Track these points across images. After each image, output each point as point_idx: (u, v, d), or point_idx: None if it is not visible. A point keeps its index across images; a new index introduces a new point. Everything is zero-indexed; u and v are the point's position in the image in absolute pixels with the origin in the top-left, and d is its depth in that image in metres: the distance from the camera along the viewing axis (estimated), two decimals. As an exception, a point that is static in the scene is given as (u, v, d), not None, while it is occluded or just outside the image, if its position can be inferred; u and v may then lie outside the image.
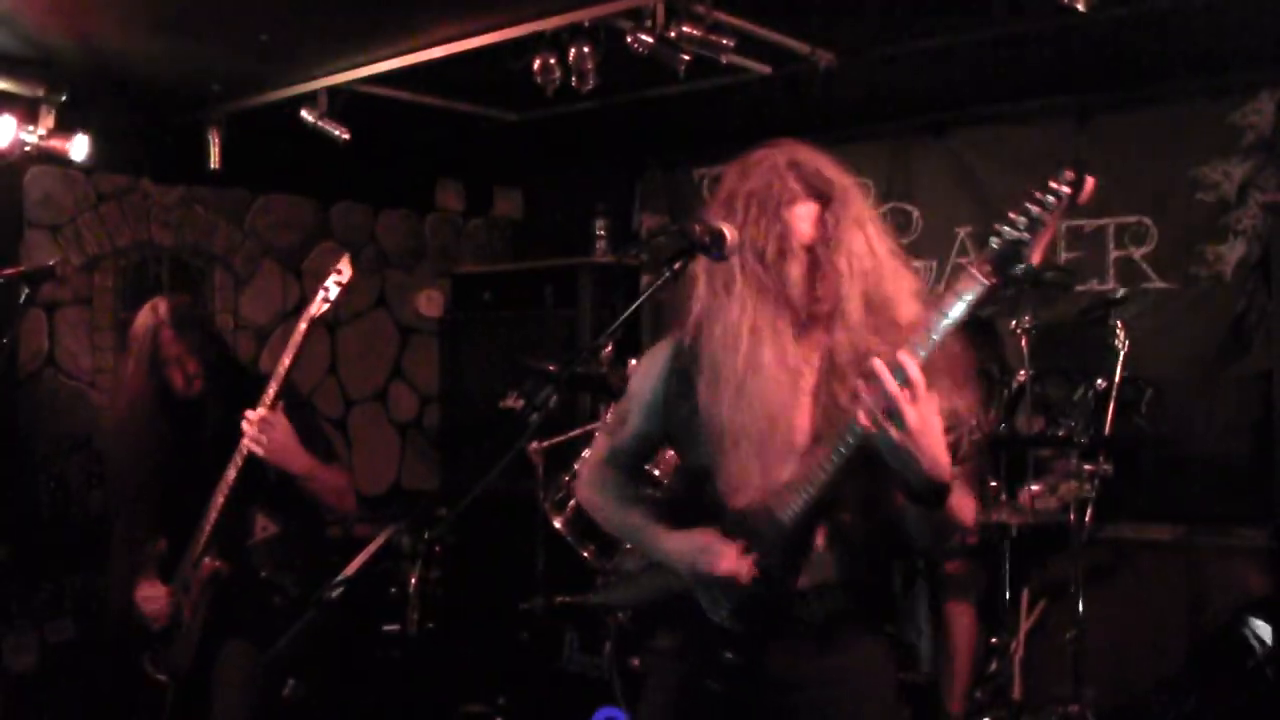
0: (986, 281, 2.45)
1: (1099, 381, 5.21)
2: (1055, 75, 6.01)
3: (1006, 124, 6.53)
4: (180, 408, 4.52)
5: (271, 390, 4.16)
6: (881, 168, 6.99)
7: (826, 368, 2.76)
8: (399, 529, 2.15)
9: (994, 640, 5.21)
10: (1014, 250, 2.42)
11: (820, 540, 2.77)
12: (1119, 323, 5.31)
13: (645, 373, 3.07)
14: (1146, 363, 5.62)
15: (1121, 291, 5.77)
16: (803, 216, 2.76)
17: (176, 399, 4.50)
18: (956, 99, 6.51)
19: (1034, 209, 2.40)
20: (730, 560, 2.76)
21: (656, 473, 4.37)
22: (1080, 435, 4.97)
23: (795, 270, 2.75)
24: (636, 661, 5.02)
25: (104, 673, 6.20)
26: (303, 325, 4.16)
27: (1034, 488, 5.16)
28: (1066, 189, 2.39)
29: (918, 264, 6.74)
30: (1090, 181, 2.39)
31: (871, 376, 2.45)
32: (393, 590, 5.47)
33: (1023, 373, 5.05)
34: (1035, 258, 2.42)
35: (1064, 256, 6.31)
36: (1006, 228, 2.42)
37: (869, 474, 2.67)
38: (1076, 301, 5.62)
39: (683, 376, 2.92)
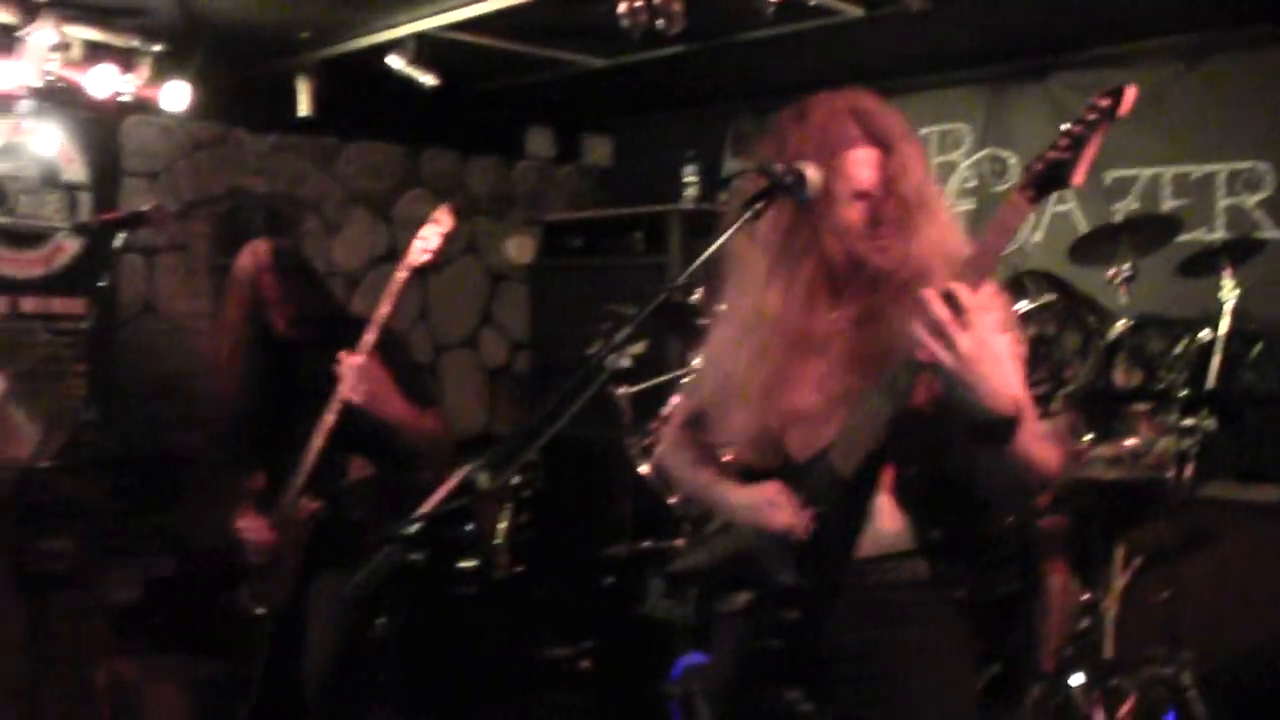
0: (1028, 206, 2.43)
1: (1203, 333, 5.06)
2: (1164, 14, 5.79)
3: (1111, 66, 6.29)
4: (279, 349, 4.60)
5: (369, 338, 4.18)
6: (977, 113, 6.85)
7: (870, 314, 2.71)
8: (474, 468, 2.16)
9: (1086, 597, 5.14)
10: (1056, 171, 2.40)
11: (883, 496, 2.72)
12: (1227, 271, 5.15)
13: (719, 333, 3.06)
14: (1256, 315, 5.47)
15: (1229, 240, 5.61)
16: (860, 162, 2.69)
17: (276, 341, 4.58)
18: (1059, 40, 6.33)
19: (1077, 128, 2.39)
20: (788, 513, 2.72)
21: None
22: (1181, 389, 4.84)
23: (848, 216, 2.70)
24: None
25: (201, 606, 6.35)
26: (402, 274, 4.20)
27: (1131, 443, 5.05)
28: (1106, 101, 2.40)
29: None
30: (1130, 91, 2.37)
31: (923, 306, 2.37)
32: (468, 527, 5.51)
33: (1120, 323, 4.94)
34: (1078, 178, 2.39)
35: (1169, 204, 6.15)
36: (1051, 151, 2.40)
37: (934, 426, 2.62)
38: (1180, 252, 5.50)
39: (731, 336, 2.87)
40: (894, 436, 2.61)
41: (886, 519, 2.74)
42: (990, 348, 2.36)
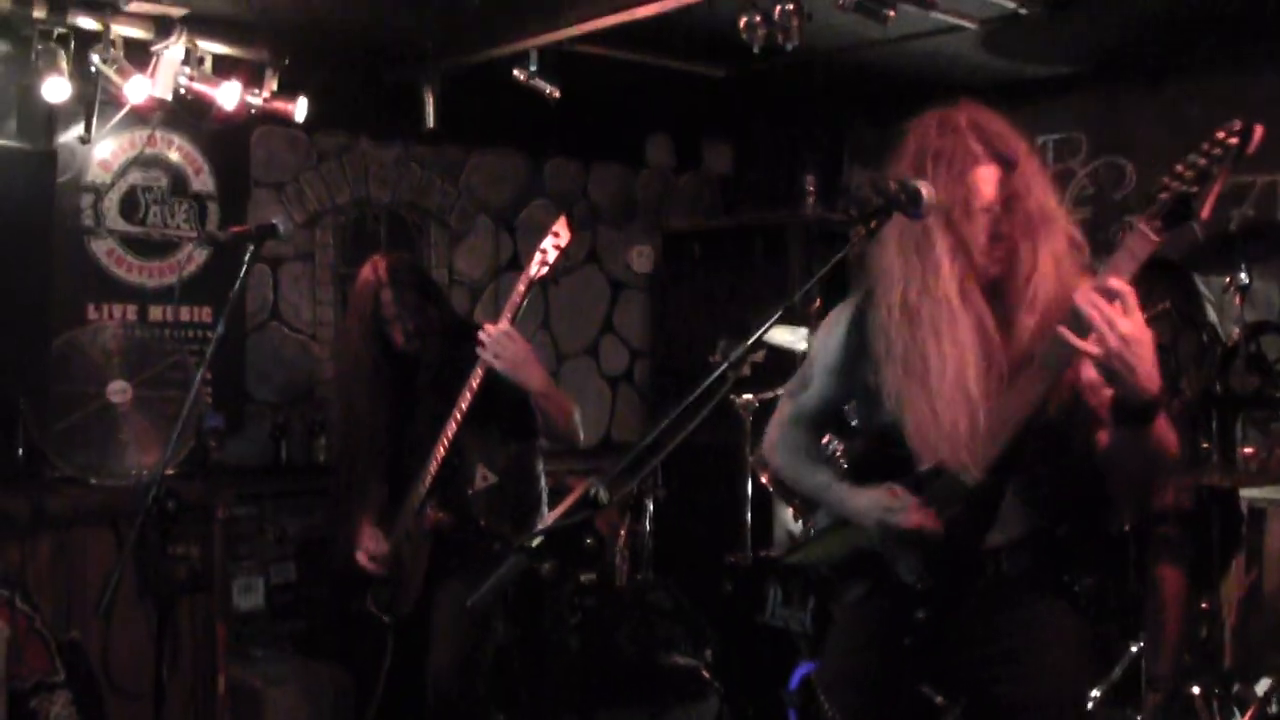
0: (1156, 238, 2.50)
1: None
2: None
3: (1230, 73, 6.19)
4: (401, 361, 4.67)
5: (507, 315, 4.23)
6: (1092, 120, 6.75)
7: (1002, 326, 2.78)
8: (595, 481, 2.19)
9: (1205, 606, 5.06)
10: (1183, 204, 2.43)
11: (1010, 495, 2.79)
12: None
13: (827, 334, 3.09)
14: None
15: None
16: (985, 179, 2.77)
17: (397, 354, 4.65)
18: (1173, 46, 6.21)
19: (1201, 161, 2.42)
20: (917, 514, 2.79)
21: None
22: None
23: (976, 233, 2.77)
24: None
25: (324, 612, 6.44)
26: (521, 287, 4.23)
27: (1248, 450, 4.99)
28: (1234, 139, 2.41)
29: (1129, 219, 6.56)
30: (1259, 131, 2.40)
31: (1087, 299, 2.49)
32: (589, 541, 5.53)
33: (1236, 330, 4.87)
34: (1205, 212, 2.43)
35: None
36: (1174, 181, 2.44)
37: (1060, 427, 2.73)
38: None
39: (864, 338, 2.95)
40: (1022, 439, 2.70)
41: (1009, 519, 2.82)
42: (1145, 334, 2.50)
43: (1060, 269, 2.77)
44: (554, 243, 4.21)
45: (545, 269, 4.19)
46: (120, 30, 5.35)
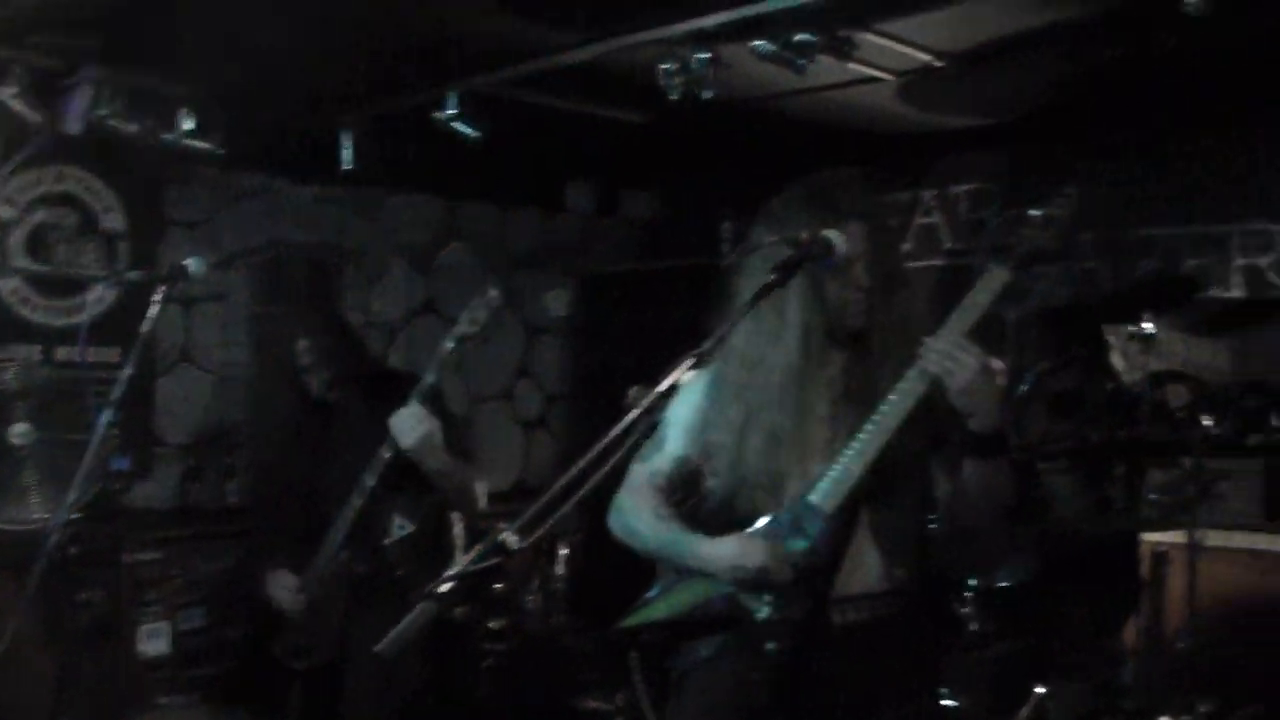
0: (1008, 276, 2.82)
1: (1220, 387, 5.13)
2: (1179, 81, 5.80)
3: (1137, 127, 6.34)
4: (318, 410, 4.62)
5: (427, 381, 4.24)
6: (1003, 172, 6.91)
7: (855, 370, 2.97)
8: (505, 526, 2.18)
9: (1109, 646, 5.16)
10: (1035, 251, 2.85)
11: (861, 538, 2.90)
12: (1240, 330, 5.24)
13: (683, 395, 3.09)
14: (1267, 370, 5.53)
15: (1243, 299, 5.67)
16: (850, 233, 2.88)
17: (314, 402, 4.60)
18: (1084, 102, 6.30)
19: (1047, 210, 2.87)
20: (765, 556, 2.85)
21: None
22: (1199, 441, 4.87)
23: (834, 287, 2.92)
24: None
25: (234, 659, 6.34)
26: (449, 344, 4.23)
27: (1151, 496, 5.09)
28: (1075, 190, 2.88)
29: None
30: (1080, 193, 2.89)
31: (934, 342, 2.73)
32: (497, 587, 5.51)
33: (1139, 377, 4.99)
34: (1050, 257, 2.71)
35: (1188, 263, 6.16)
36: (1025, 229, 2.87)
37: (912, 471, 2.90)
38: (1201, 308, 5.53)
39: (722, 397, 3.05)
40: (873, 477, 2.82)
41: (856, 559, 2.92)
42: (993, 366, 2.71)
43: (917, 320, 2.96)
44: (487, 305, 4.20)
45: (475, 328, 4.19)
46: (29, 63, 5.26)
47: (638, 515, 3.27)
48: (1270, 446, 5.30)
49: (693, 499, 3.13)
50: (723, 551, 2.95)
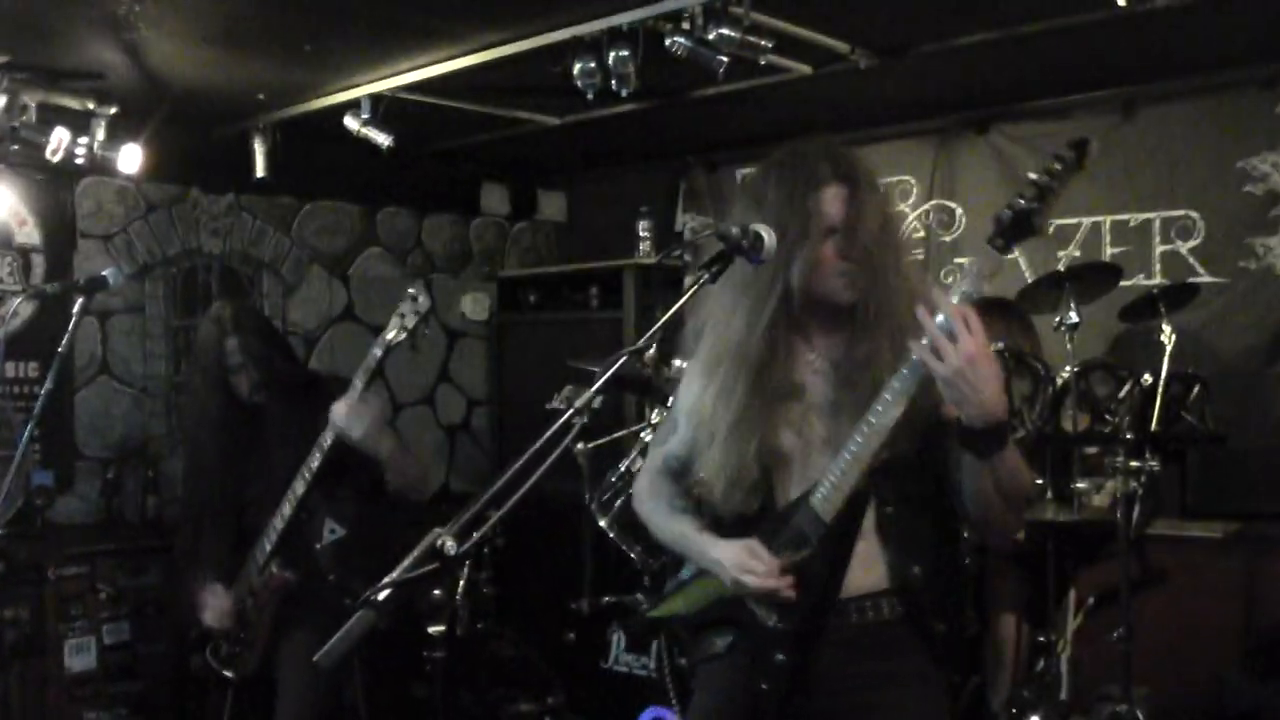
0: (1001, 255, 2.61)
1: (1145, 377, 5.15)
2: (1098, 68, 5.94)
3: (1050, 119, 6.45)
4: (247, 414, 4.58)
5: (359, 381, 4.22)
6: (924, 165, 6.96)
7: (847, 356, 2.83)
8: (441, 531, 2.17)
9: (1040, 639, 5.17)
10: (1025, 219, 2.57)
11: (865, 538, 2.80)
12: (1164, 317, 5.28)
13: (690, 379, 3.09)
14: (1194, 358, 5.60)
15: (1165, 286, 5.72)
16: (831, 198, 2.79)
17: (243, 405, 4.56)
18: (999, 95, 6.46)
19: (1042, 178, 2.57)
20: (771, 580, 2.76)
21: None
22: (1127, 432, 4.91)
23: (819, 252, 2.78)
24: (685, 661, 5.04)
25: (161, 672, 6.29)
26: (377, 351, 4.21)
27: (1080, 485, 5.11)
28: (1071, 153, 2.59)
29: (960, 260, 6.75)
30: (1093, 146, 2.59)
31: (925, 320, 2.54)
32: (436, 593, 5.50)
33: (1067, 369, 5.01)
34: (1045, 226, 2.54)
35: (1109, 252, 6.26)
36: (1019, 200, 2.56)
37: (914, 466, 2.75)
38: (1122, 297, 5.58)
39: (701, 384, 2.97)
40: (874, 477, 2.71)
41: (866, 559, 2.80)
42: (988, 354, 2.52)
43: (907, 292, 2.79)
44: (414, 308, 4.17)
45: (404, 334, 4.17)
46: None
47: (654, 505, 3.20)
48: (1190, 437, 5.37)
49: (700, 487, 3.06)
50: (729, 562, 2.84)
